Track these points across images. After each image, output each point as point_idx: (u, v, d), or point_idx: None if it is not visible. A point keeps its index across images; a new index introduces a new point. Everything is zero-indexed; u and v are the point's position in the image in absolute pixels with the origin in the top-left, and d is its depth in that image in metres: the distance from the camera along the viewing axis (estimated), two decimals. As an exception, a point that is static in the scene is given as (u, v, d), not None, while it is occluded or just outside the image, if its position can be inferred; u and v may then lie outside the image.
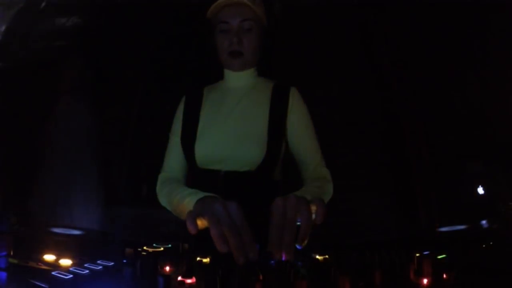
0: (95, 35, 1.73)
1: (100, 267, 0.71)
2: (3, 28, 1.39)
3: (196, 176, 1.15)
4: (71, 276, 0.64)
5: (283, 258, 0.75)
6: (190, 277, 0.66)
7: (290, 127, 1.16)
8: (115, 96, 1.91)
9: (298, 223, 0.76)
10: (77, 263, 0.75)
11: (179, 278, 0.65)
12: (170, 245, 0.91)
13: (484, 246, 0.97)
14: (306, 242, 0.74)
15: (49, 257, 0.84)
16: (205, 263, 0.78)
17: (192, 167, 1.15)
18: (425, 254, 0.81)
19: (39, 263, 0.82)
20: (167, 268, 0.70)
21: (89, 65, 1.68)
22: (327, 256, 0.81)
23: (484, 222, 1.27)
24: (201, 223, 0.77)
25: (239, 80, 1.21)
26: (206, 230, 0.92)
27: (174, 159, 1.19)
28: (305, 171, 1.15)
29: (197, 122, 1.17)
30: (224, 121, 1.15)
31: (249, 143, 1.11)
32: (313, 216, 0.77)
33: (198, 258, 0.78)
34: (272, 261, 0.76)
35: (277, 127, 1.14)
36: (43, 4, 1.53)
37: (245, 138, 1.12)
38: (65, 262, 0.81)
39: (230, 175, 1.10)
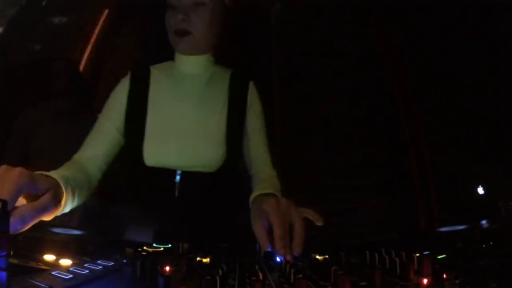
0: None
1: (100, 267, 0.71)
2: (3, 27, 1.39)
3: (143, 175, 1.03)
4: (71, 276, 0.64)
5: (282, 259, 0.75)
6: (190, 277, 0.66)
7: (247, 124, 1.07)
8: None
9: None
10: (77, 263, 0.75)
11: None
12: (170, 245, 0.91)
13: (484, 246, 0.97)
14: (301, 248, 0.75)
15: (49, 257, 0.84)
16: (205, 263, 0.78)
17: (135, 164, 1.02)
18: (425, 254, 0.81)
19: (39, 263, 0.82)
20: (167, 268, 0.70)
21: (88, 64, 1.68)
22: (327, 256, 0.80)
23: (484, 222, 1.27)
24: None
25: (192, 67, 1.06)
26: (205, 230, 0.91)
27: (95, 147, 1.01)
28: (256, 170, 1.07)
29: (145, 112, 1.03)
30: (179, 116, 1.02)
31: (209, 143, 1.02)
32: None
33: (198, 258, 0.78)
34: (272, 261, 0.76)
35: (238, 125, 1.05)
36: (43, 3, 1.53)
37: (204, 137, 1.03)
38: (65, 262, 0.81)
39: (188, 176, 1.01)
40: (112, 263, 0.73)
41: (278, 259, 0.76)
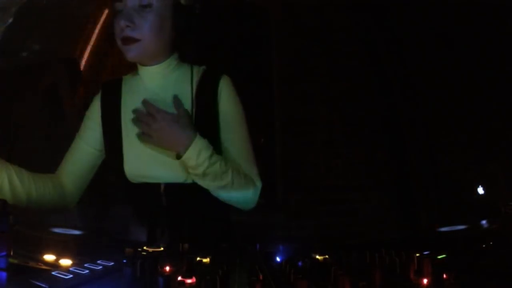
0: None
1: (100, 267, 0.71)
2: (3, 28, 1.39)
3: (128, 191, 1.00)
4: (71, 276, 0.64)
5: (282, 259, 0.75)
6: (190, 277, 0.66)
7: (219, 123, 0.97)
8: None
9: None
10: (77, 263, 0.75)
11: (179, 278, 0.65)
12: (169, 246, 0.91)
13: (484, 246, 0.97)
14: None
15: (49, 257, 0.84)
16: (205, 263, 0.78)
17: (119, 181, 0.99)
18: (425, 254, 0.81)
19: (39, 263, 0.82)
20: (167, 268, 0.70)
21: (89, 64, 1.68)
22: (327, 256, 0.81)
23: (484, 222, 1.27)
24: None
25: (153, 77, 0.98)
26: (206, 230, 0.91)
27: (71, 168, 1.01)
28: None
29: (119, 130, 0.98)
30: None
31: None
32: None
33: (198, 258, 0.78)
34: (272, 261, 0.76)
35: (208, 125, 0.96)
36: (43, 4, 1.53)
37: None
38: (65, 262, 0.81)
39: (172, 188, 0.95)
40: (112, 263, 0.73)
41: (278, 259, 0.76)
